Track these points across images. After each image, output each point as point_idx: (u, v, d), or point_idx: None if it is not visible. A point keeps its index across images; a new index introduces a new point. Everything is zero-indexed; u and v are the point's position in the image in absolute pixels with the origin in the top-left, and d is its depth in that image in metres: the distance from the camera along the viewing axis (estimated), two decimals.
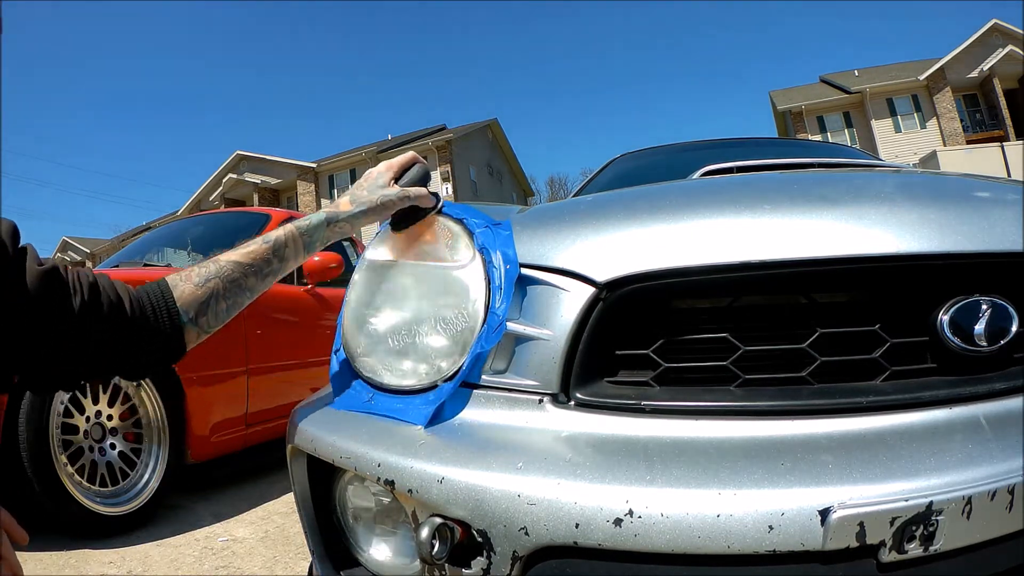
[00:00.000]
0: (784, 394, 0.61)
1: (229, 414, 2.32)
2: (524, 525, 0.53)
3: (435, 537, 0.56)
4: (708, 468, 0.53)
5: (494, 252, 0.71)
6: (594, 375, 0.65)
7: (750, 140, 2.66)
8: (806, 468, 0.51)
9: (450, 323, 0.71)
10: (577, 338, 0.65)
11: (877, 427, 0.57)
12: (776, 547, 0.48)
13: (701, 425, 0.59)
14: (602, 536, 0.51)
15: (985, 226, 0.62)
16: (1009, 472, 0.49)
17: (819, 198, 0.70)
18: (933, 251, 0.61)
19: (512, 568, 0.55)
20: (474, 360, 0.67)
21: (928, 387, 0.60)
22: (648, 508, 0.50)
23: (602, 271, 0.65)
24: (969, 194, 0.72)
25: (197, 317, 0.73)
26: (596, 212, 0.78)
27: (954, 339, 0.60)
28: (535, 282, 0.68)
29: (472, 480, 0.57)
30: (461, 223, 0.77)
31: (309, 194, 24.36)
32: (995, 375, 0.60)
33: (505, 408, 0.66)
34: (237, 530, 1.97)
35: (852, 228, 0.63)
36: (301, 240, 0.80)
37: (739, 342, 0.63)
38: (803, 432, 0.57)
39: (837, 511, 0.47)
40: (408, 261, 0.79)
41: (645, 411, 0.62)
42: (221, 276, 0.75)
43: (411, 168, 0.87)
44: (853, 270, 0.62)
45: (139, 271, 2.31)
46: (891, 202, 0.66)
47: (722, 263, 0.63)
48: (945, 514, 0.47)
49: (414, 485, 0.59)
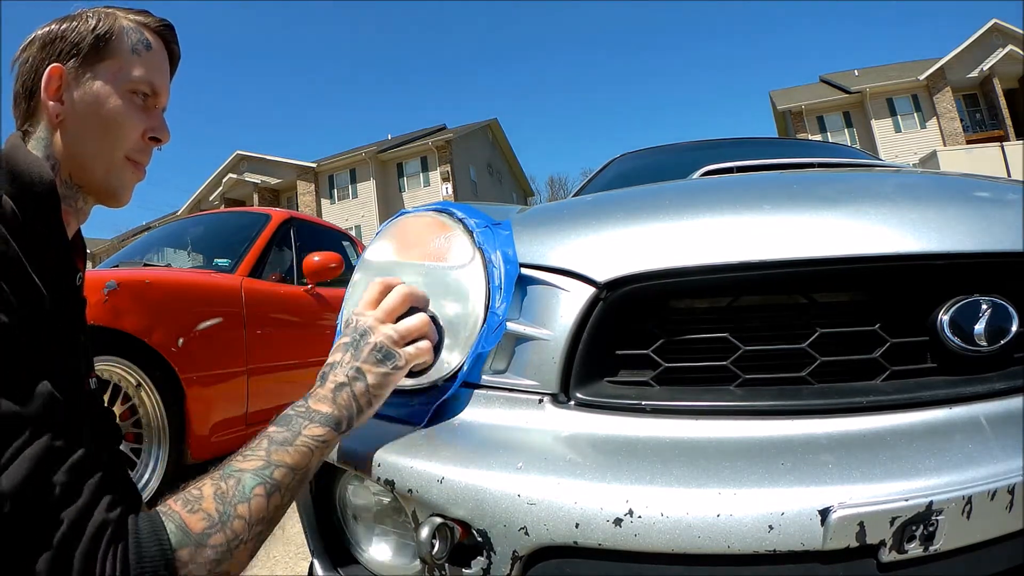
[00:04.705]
0: (784, 394, 0.61)
1: (229, 414, 2.32)
2: (524, 525, 0.53)
3: (435, 537, 0.56)
4: (708, 468, 0.53)
5: (494, 252, 0.71)
6: (594, 375, 0.65)
7: (750, 140, 2.66)
8: (806, 468, 0.51)
9: (450, 323, 0.71)
10: (577, 338, 0.65)
11: (877, 427, 0.57)
12: (776, 547, 0.48)
13: (701, 425, 0.59)
14: (602, 536, 0.51)
15: (985, 226, 0.62)
16: (1009, 472, 0.49)
17: (819, 198, 0.70)
18: (933, 251, 0.61)
19: (512, 568, 0.55)
20: (474, 360, 0.67)
21: (928, 387, 0.60)
22: (648, 508, 0.50)
23: (602, 271, 0.65)
24: (969, 194, 0.72)
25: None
26: (596, 212, 0.78)
27: (954, 339, 0.60)
28: (535, 282, 0.68)
29: (472, 480, 0.57)
30: (461, 223, 0.77)
31: (309, 194, 24.36)
32: (995, 375, 0.60)
33: (505, 408, 0.66)
34: None
35: (852, 228, 0.63)
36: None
37: (739, 342, 0.63)
38: (803, 432, 0.57)
39: (837, 511, 0.47)
40: (408, 261, 0.79)
41: (645, 411, 0.62)
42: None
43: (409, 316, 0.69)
44: (853, 270, 0.62)
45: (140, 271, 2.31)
46: (891, 202, 0.66)
47: (722, 263, 0.63)
48: (945, 514, 0.47)
49: (414, 485, 0.59)
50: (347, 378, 0.63)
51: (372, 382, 0.63)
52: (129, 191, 0.76)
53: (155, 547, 0.49)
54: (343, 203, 24.35)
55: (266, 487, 0.55)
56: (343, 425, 0.61)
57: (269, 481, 0.55)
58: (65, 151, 0.70)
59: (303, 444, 0.58)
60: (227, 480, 0.54)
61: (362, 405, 0.63)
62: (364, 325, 0.66)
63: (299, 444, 0.58)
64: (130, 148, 0.73)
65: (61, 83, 0.69)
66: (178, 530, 0.50)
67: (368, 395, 0.63)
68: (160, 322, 2.04)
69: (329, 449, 0.61)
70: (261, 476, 0.55)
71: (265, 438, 0.58)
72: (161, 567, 0.48)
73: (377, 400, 0.64)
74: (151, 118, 0.75)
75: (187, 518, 0.51)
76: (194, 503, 0.52)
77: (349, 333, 0.67)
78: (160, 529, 0.50)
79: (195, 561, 0.50)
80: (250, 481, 0.54)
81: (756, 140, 2.72)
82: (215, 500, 0.53)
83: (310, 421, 0.60)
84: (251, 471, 0.55)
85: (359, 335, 0.66)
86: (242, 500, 0.53)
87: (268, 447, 0.57)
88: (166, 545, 0.49)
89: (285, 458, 0.57)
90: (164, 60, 0.77)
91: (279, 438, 0.58)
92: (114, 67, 0.71)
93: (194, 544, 0.50)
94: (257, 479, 0.55)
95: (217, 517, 0.52)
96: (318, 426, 0.60)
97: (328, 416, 0.60)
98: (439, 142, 23.76)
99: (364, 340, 0.65)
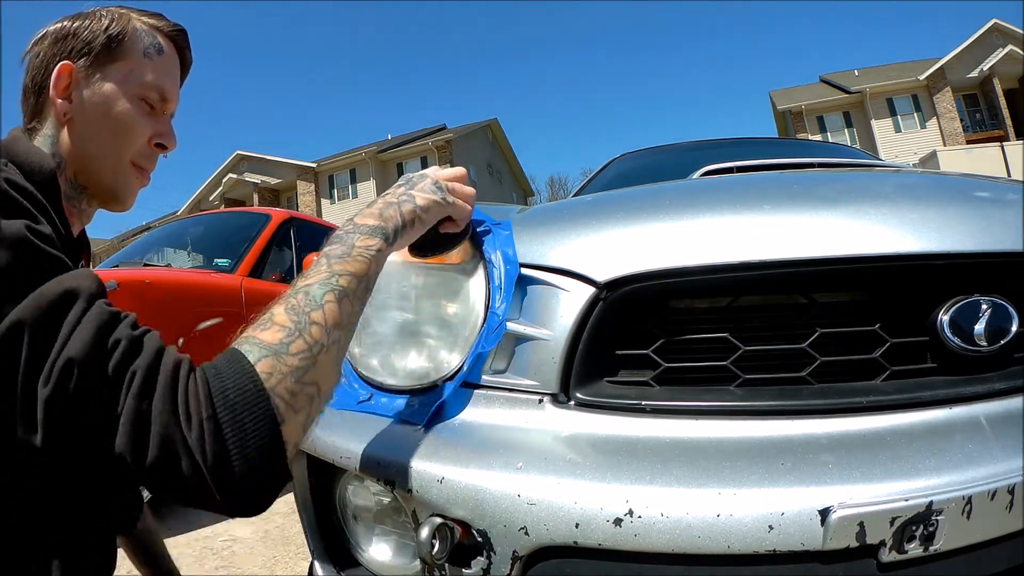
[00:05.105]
0: (784, 394, 0.61)
1: None
2: (524, 525, 0.53)
3: (435, 537, 0.56)
4: (708, 468, 0.53)
5: (494, 252, 0.71)
6: (594, 375, 0.65)
7: (750, 140, 2.66)
8: (806, 468, 0.52)
9: (450, 323, 0.71)
10: (577, 338, 0.65)
11: (877, 427, 0.57)
12: (776, 547, 0.48)
13: (701, 425, 0.59)
14: (602, 536, 0.51)
15: (985, 226, 0.62)
16: (1009, 472, 0.49)
17: (819, 198, 0.70)
18: (933, 251, 0.61)
19: (512, 568, 0.55)
20: (474, 360, 0.67)
21: (928, 387, 0.60)
22: (648, 508, 0.50)
23: (602, 271, 0.65)
24: (969, 194, 0.72)
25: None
26: (596, 212, 0.78)
27: (954, 339, 0.60)
28: (535, 282, 0.68)
29: (472, 480, 0.57)
30: None
31: (309, 194, 24.36)
32: (995, 375, 0.60)
33: (505, 408, 0.66)
34: (237, 530, 1.97)
35: (852, 228, 0.63)
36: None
37: (739, 342, 0.63)
38: (803, 432, 0.57)
39: (837, 511, 0.47)
40: (408, 261, 0.79)
41: (645, 411, 0.62)
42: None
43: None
44: (853, 270, 0.62)
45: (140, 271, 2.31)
46: (891, 202, 0.66)
47: (722, 263, 0.63)
48: (945, 514, 0.47)
49: (414, 485, 0.59)
50: (397, 199, 0.66)
51: (421, 203, 0.65)
52: (133, 196, 0.76)
53: (234, 365, 0.49)
54: (343, 203, 24.34)
55: (336, 293, 0.56)
56: (391, 236, 0.63)
57: (337, 288, 0.56)
58: (71, 150, 0.70)
59: (359, 255, 0.59)
60: (296, 296, 0.55)
61: (407, 220, 0.64)
62: (419, 174, 0.71)
63: (355, 255, 0.59)
64: (136, 153, 0.73)
65: (71, 81, 0.69)
66: (254, 347, 0.50)
67: (415, 214, 0.65)
68: (160, 322, 2.04)
69: (383, 258, 0.62)
70: (329, 284, 0.56)
71: (323, 256, 0.59)
72: (245, 380, 0.48)
73: (421, 223, 0.66)
74: (158, 124, 0.74)
75: (262, 335, 0.51)
76: (267, 322, 0.53)
77: (404, 180, 0.70)
78: (235, 352, 0.50)
79: (279, 370, 0.49)
80: (319, 290, 0.55)
81: (756, 140, 2.72)
82: (287, 313, 0.53)
83: (360, 234, 0.61)
84: (318, 282, 0.56)
85: (417, 178, 0.70)
86: (315, 308, 0.54)
87: (328, 262, 0.58)
88: (244, 361, 0.49)
89: (347, 267, 0.58)
90: (175, 65, 0.77)
91: (336, 252, 0.59)
92: (125, 69, 0.71)
93: (274, 354, 0.50)
94: (326, 287, 0.56)
95: (293, 326, 0.52)
96: (368, 237, 0.61)
97: (375, 228, 0.62)
98: (439, 142, 23.76)
99: (421, 178, 0.69)
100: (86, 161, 0.71)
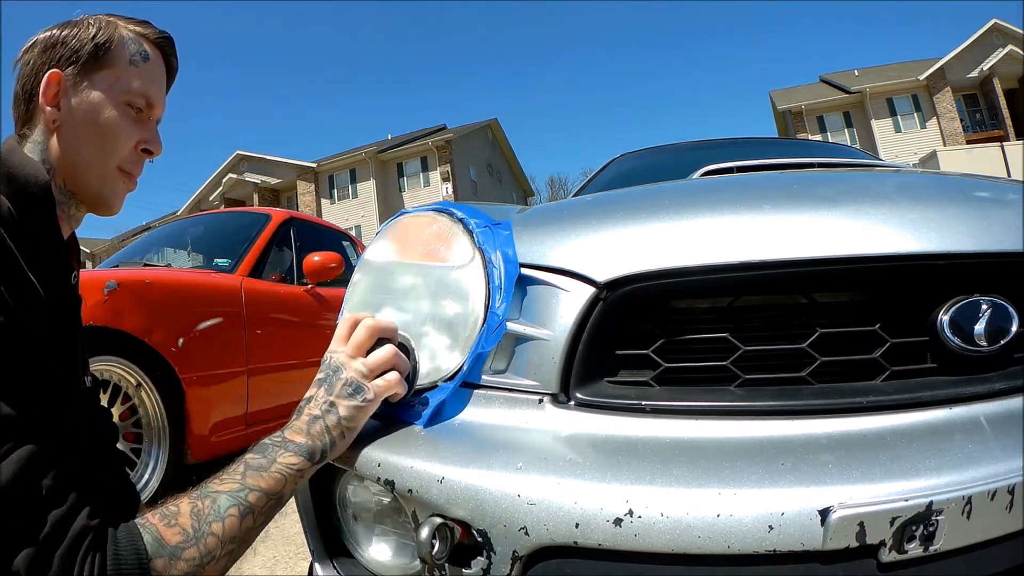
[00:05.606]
0: (784, 394, 0.61)
1: (229, 414, 2.32)
2: (524, 525, 0.53)
3: (435, 537, 0.56)
4: (708, 468, 0.53)
5: (494, 252, 0.71)
6: (594, 375, 0.65)
7: (750, 140, 2.66)
8: (806, 468, 0.51)
9: (450, 323, 0.71)
10: (577, 338, 0.65)
11: (877, 427, 0.57)
12: (776, 547, 0.48)
13: (701, 425, 0.59)
14: (602, 536, 0.51)
15: (985, 226, 0.62)
16: (1009, 472, 0.49)
17: (819, 198, 0.70)
18: (933, 251, 0.61)
19: (512, 568, 0.55)
20: (474, 360, 0.67)
21: (928, 387, 0.60)
22: (648, 508, 0.50)
23: (602, 271, 0.65)
24: (969, 194, 0.72)
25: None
26: (596, 212, 0.78)
27: (954, 339, 0.60)
28: (535, 282, 0.68)
29: (472, 480, 0.57)
30: (461, 223, 0.77)
31: (309, 194, 24.37)
32: (995, 375, 0.60)
33: (505, 408, 0.66)
34: None
35: (852, 228, 0.63)
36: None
37: (739, 342, 0.63)
38: (803, 432, 0.57)
39: (837, 511, 0.47)
40: (408, 261, 0.79)
41: (645, 411, 0.62)
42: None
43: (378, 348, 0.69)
44: (853, 270, 0.62)
45: (140, 271, 2.31)
46: (891, 202, 0.66)
47: (722, 263, 0.63)
48: (945, 514, 0.47)
49: (414, 485, 0.59)
50: (321, 411, 0.65)
51: (344, 415, 0.65)
52: (120, 200, 0.77)
53: (132, 555, 0.52)
54: (343, 203, 24.35)
55: (240, 508, 0.57)
56: (316, 455, 0.63)
57: (243, 503, 0.58)
58: (60, 156, 0.71)
59: (277, 471, 0.61)
60: (203, 499, 0.57)
61: (335, 437, 0.64)
62: (336, 362, 0.68)
63: (273, 471, 0.61)
64: (123, 159, 0.74)
65: (59, 89, 0.70)
66: (155, 541, 0.53)
67: (340, 427, 0.65)
68: (160, 322, 2.04)
69: (303, 478, 0.63)
70: (236, 498, 0.58)
71: (242, 463, 0.61)
72: (137, 574, 0.51)
73: (350, 432, 0.66)
74: (145, 130, 0.75)
75: (163, 531, 0.54)
76: (171, 518, 0.55)
77: (323, 370, 0.68)
78: (138, 538, 0.53)
79: (169, 572, 0.53)
80: (225, 502, 0.57)
81: (756, 140, 2.72)
82: (191, 517, 0.56)
83: (285, 450, 0.62)
84: (227, 492, 0.58)
85: (332, 371, 0.68)
86: (216, 519, 0.56)
87: (244, 471, 0.60)
88: (143, 554, 0.52)
89: (260, 482, 0.59)
90: (161, 72, 0.78)
91: (255, 464, 0.61)
92: (111, 77, 0.72)
93: (168, 555, 0.53)
94: (232, 500, 0.58)
95: (192, 532, 0.55)
96: (292, 455, 0.62)
97: (301, 446, 0.63)
98: (439, 142, 23.76)
99: (336, 376, 0.67)
100: (74, 167, 0.72)
